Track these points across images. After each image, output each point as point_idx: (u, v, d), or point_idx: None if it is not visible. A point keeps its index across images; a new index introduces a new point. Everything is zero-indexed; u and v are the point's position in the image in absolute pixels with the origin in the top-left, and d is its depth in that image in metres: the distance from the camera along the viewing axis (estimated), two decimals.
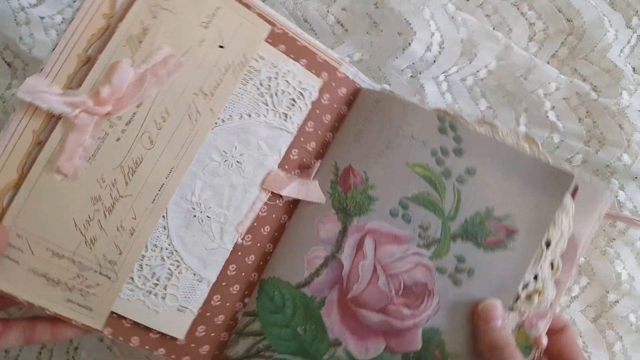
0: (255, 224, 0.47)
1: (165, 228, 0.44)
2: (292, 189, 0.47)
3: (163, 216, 0.44)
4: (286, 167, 0.47)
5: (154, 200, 0.43)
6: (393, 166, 0.48)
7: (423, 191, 0.48)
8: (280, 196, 0.47)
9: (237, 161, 0.45)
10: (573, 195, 0.47)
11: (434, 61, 0.55)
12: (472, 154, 0.48)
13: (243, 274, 0.47)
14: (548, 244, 0.48)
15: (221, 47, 0.43)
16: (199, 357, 0.47)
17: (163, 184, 0.43)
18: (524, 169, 0.48)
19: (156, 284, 0.44)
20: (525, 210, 0.47)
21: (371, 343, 0.47)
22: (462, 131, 0.48)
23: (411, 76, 0.55)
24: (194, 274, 0.45)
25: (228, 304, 0.47)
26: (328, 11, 0.57)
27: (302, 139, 0.47)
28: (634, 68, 0.57)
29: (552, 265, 0.48)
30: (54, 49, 0.40)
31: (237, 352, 0.47)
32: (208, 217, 0.45)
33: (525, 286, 0.47)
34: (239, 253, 0.47)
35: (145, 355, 0.56)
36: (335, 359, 0.46)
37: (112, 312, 0.43)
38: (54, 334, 0.44)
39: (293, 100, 0.46)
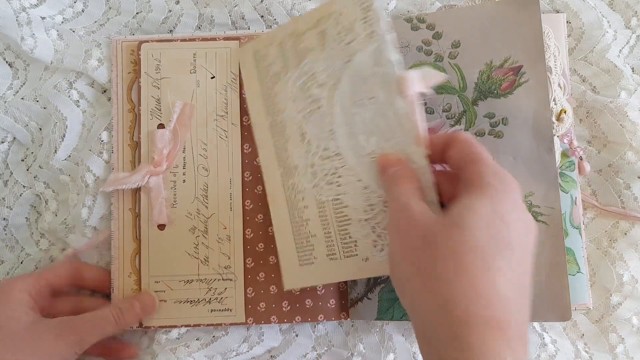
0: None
1: None
2: None
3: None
4: None
5: (231, 208, 0.54)
6: None
7: None
8: None
9: None
10: None
11: None
12: (448, 31, 0.53)
13: None
14: (549, 70, 0.50)
15: (213, 77, 0.55)
16: (330, 311, 0.54)
17: (230, 193, 0.54)
18: (495, 15, 0.51)
19: None
20: (517, 46, 0.51)
21: None
22: (430, 19, 0.53)
23: None
24: None
25: None
26: None
27: None
28: (633, 68, 0.57)
29: (559, 86, 0.50)
30: (112, 152, 0.54)
31: (359, 290, 0.54)
32: None
33: (551, 113, 0.51)
34: None
35: None
36: None
37: (246, 304, 0.53)
38: None
39: None
